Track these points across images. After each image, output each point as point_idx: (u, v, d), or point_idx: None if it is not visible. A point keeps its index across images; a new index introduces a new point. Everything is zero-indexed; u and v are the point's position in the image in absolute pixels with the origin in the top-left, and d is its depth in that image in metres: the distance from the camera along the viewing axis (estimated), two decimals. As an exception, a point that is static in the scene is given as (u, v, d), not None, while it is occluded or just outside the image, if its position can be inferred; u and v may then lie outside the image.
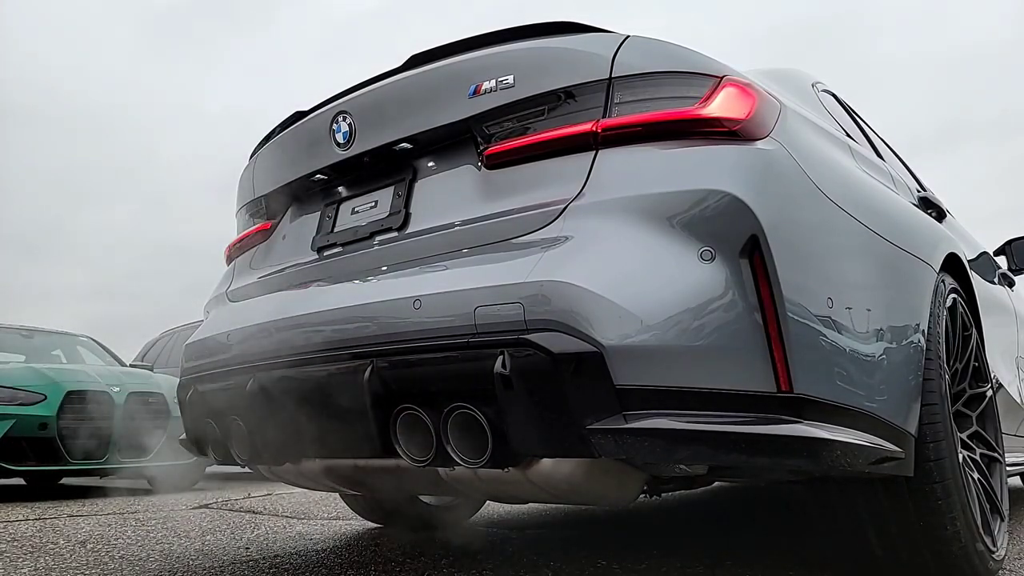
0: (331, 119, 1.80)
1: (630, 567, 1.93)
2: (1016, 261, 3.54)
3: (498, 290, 1.30)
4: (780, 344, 1.22)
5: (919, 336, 1.62)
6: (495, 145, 1.53)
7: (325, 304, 1.60)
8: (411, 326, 1.39)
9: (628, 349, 1.20)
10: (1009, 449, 2.27)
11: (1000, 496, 1.89)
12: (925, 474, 1.52)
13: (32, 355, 5.80)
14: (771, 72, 1.86)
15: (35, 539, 2.63)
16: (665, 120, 1.38)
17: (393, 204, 1.69)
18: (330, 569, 2.03)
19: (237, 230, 2.23)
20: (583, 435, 1.22)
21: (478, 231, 1.47)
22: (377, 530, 2.88)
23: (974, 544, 1.58)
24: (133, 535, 2.76)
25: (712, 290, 1.23)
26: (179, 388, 1.98)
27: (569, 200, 1.37)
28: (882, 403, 1.42)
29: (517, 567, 1.97)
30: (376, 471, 1.69)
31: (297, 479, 1.97)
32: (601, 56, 1.45)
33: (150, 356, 7.98)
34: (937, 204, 2.32)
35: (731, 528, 2.79)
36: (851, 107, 2.52)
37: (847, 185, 1.61)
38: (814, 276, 1.35)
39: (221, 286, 2.14)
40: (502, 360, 1.25)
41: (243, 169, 2.20)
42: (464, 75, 1.59)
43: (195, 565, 2.12)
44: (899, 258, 1.69)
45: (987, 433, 2.02)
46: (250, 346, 1.72)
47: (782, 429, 1.20)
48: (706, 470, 1.46)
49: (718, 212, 1.27)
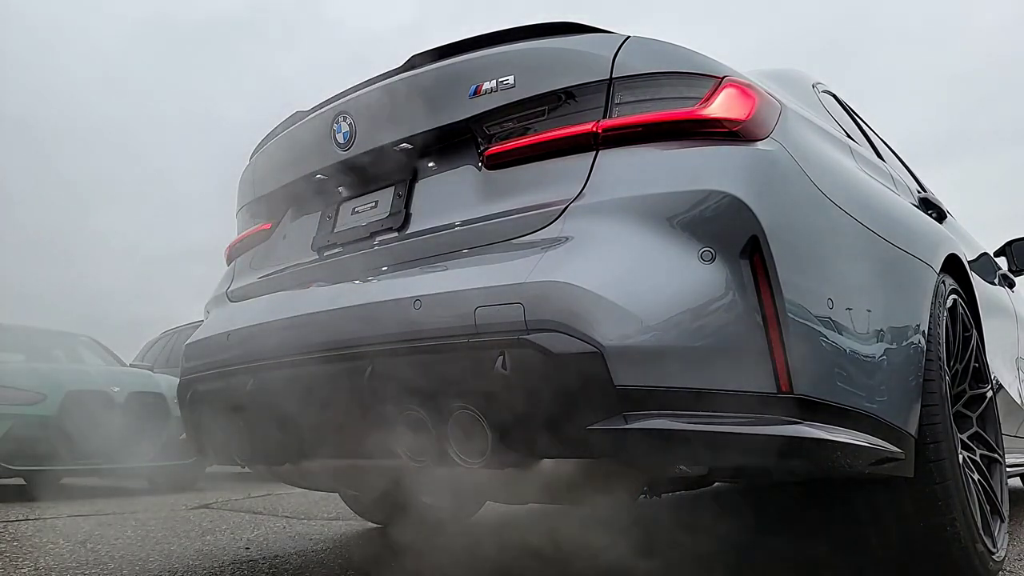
0: (331, 119, 1.80)
1: (630, 567, 1.93)
2: (1016, 262, 3.54)
3: (498, 290, 1.30)
4: (780, 345, 1.22)
5: (919, 337, 1.62)
6: (495, 145, 1.53)
7: (325, 304, 1.60)
8: (411, 326, 1.39)
9: (628, 350, 1.20)
10: (1009, 450, 2.27)
11: (1000, 497, 1.89)
12: (925, 475, 1.52)
13: (32, 355, 5.79)
14: (771, 73, 1.86)
15: (35, 539, 2.63)
16: (665, 120, 1.38)
17: (393, 204, 1.69)
18: (330, 569, 2.03)
19: (237, 230, 2.23)
20: (583, 435, 1.22)
21: (478, 231, 1.47)
22: (377, 530, 2.88)
23: (974, 545, 1.58)
24: (133, 535, 2.76)
25: (712, 291, 1.23)
26: (179, 388, 1.98)
27: (569, 200, 1.37)
28: (882, 404, 1.42)
29: (517, 567, 1.97)
30: (376, 471, 1.69)
31: (297, 479, 1.97)
32: (602, 56, 1.45)
33: (150, 356, 7.97)
34: (937, 205, 2.31)
35: (730, 528, 2.79)
36: (851, 108, 2.52)
37: (847, 186, 1.61)
38: (814, 277, 1.35)
39: (221, 286, 2.14)
40: (502, 360, 1.25)
41: (243, 169, 2.20)
42: (464, 75, 1.59)
43: (195, 565, 2.12)
44: (899, 259, 1.69)
45: (987, 434, 2.01)
46: (250, 346, 1.72)
47: (782, 430, 1.20)
48: (706, 470, 1.46)
49: (718, 213, 1.27)
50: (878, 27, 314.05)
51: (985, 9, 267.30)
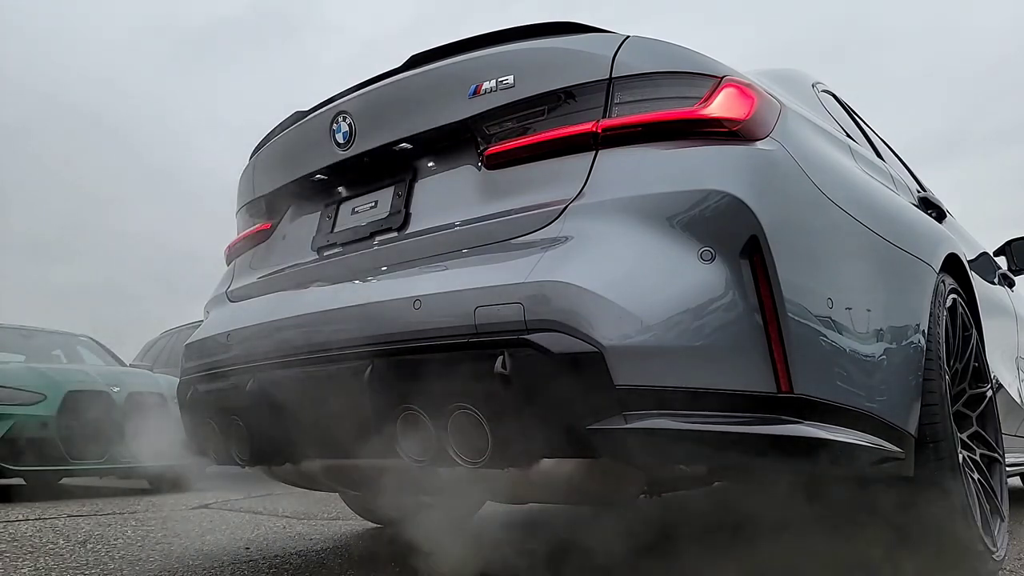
0: (331, 119, 1.80)
1: (630, 567, 1.93)
2: (1016, 261, 3.54)
3: (498, 290, 1.30)
4: (780, 344, 1.22)
5: (919, 336, 1.62)
6: (495, 145, 1.53)
7: (325, 304, 1.60)
8: (411, 326, 1.39)
9: (628, 349, 1.20)
10: (1009, 449, 2.27)
11: (1000, 496, 1.89)
12: (925, 474, 1.52)
13: (32, 355, 5.79)
14: (771, 72, 1.86)
15: (35, 539, 2.63)
16: (665, 120, 1.38)
17: (393, 204, 1.69)
18: (330, 569, 2.03)
19: (237, 230, 2.23)
20: (583, 435, 1.22)
21: (478, 231, 1.47)
22: (377, 530, 2.88)
23: (974, 544, 1.58)
24: (133, 535, 2.76)
25: (712, 290, 1.23)
26: (179, 388, 1.98)
27: (569, 200, 1.37)
28: (882, 403, 1.42)
29: (517, 567, 1.97)
30: (376, 471, 1.69)
31: (297, 479, 1.97)
32: (601, 56, 1.45)
33: (150, 356, 7.97)
34: (937, 204, 2.32)
35: (729, 527, 2.79)
36: (851, 107, 2.52)
37: (847, 185, 1.61)
38: (814, 276, 1.35)
39: (221, 286, 2.14)
40: (502, 360, 1.25)
41: (243, 169, 2.20)
42: (464, 75, 1.59)
43: (195, 565, 2.12)
44: (899, 258, 1.69)
45: (987, 433, 2.01)
46: (250, 346, 1.72)
47: (782, 429, 1.20)
48: (706, 470, 1.46)
49: (718, 212, 1.27)
50: (878, 27, 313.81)
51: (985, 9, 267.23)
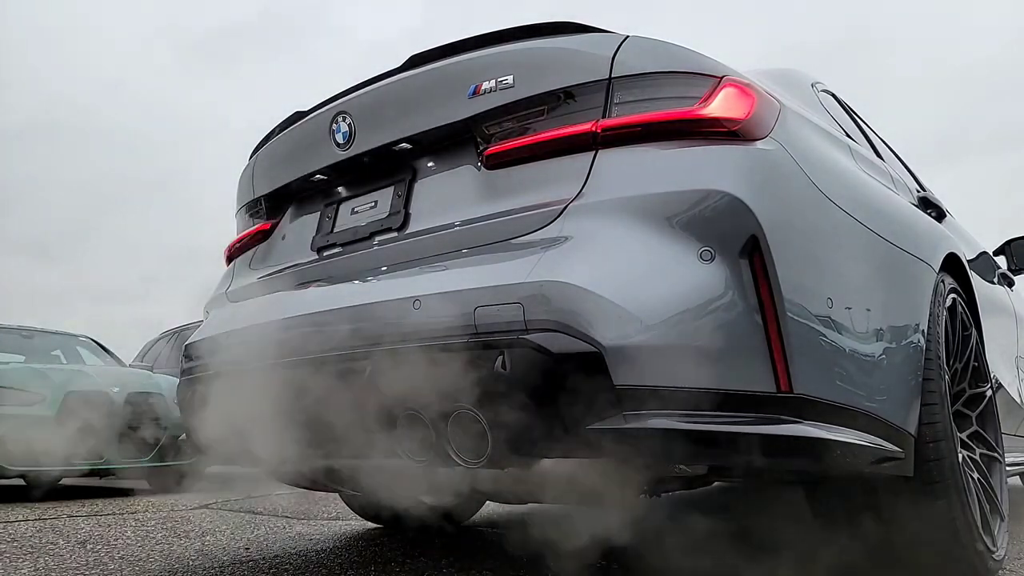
0: (331, 119, 1.80)
1: (630, 567, 1.93)
2: (1015, 261, 3.55)
3: (498, 290, 1.30)
4: (780, 344, 1.22)
5: (919, 336, 1.62)
6: (495, 145, 1.53)
7: (325, 304, 1.60)
8: (411, 326, 1.39)
9: (628, 349, 1.20)
10: (1009, 449, 2.27)
11: (1000, 496, 1.89)
12: (925, 474, 1.52)
13: (32, 355, 5.79)
14: (771, 72, 1.86)
15: (35, 539, 2.63)
16: (665, 120, 1.38)
17: (393, 204, 1.69)
18: (330, 569, 2.03)
19: (237, 230, 2.23)
20: (583, 435, 1.22)
21: (478, 231, 1.47)
22: (377, 530, 2.88)
23: (974, 544, 1.58)
24: (133, 535, 2.76)
25: (712, 290, 1.23)
26: (179, 388, 1.98)
27: (569, 200, 1.37)
28: (882, 403, 1.42)
29: (517, 567, 1.97)
30: (376, 471, 1.69)
31: (298, 479, 1.97)
32: (601, 56, 1.45)
33: (150, 356, 7.97)
34: (937, 204, 2.31)
35: (727, 527, 2.79)
36: (851, 107, 2.52)
37: (847, 185, 1.61)
38: (814, 276, 1.35)
39: (221, 286, 2.14)
40: (502, 360, 1.25)
41: (243, 169, 2.20)
42: (464, 75, 1.59)
43: (195, 565, 2.12)
44: (899, 258, 1.69)
45: (987, 433, 2.01)
46: (250, 346, 1.72)
47: (782, 429, 1.21)
48: (706, 470, 1.46)
49: (718, 212, 1.27)
50: (878, 28, 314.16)
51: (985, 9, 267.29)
